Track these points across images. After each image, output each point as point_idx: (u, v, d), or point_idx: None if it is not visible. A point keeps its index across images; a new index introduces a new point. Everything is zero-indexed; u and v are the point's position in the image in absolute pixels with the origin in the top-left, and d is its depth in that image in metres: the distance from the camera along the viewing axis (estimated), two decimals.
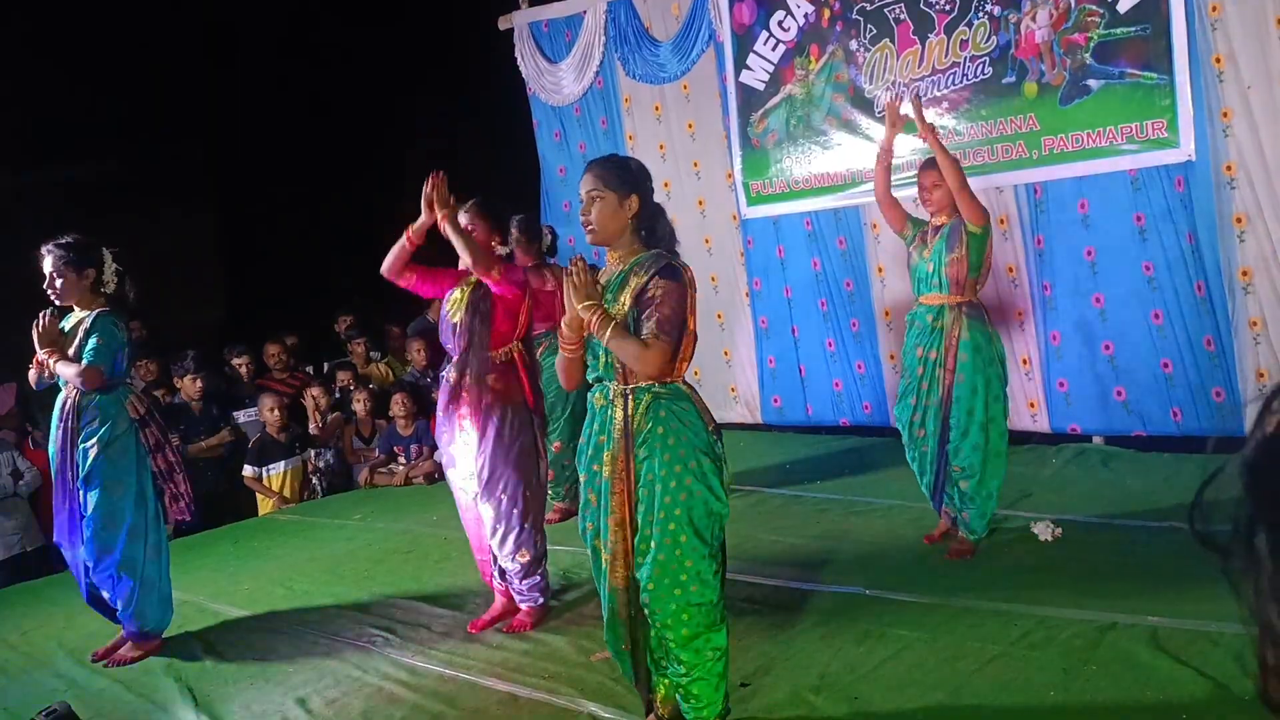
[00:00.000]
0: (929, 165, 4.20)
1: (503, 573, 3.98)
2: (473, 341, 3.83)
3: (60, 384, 4.02)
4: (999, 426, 4.19)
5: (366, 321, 8.29)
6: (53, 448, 4.04)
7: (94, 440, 3.90)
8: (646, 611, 2.76)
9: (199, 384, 6.48)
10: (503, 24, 7.62)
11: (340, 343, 8.07)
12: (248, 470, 6.46)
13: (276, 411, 6.46)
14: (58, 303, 4.03)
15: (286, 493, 6.47)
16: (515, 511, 3.85)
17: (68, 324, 4.03)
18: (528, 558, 3.91)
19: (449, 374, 3.90)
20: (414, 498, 6.30)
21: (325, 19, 9.43)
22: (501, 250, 4.00)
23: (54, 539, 4.18)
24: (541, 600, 3.98)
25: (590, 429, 2.86)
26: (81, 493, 3.94)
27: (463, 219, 3.86)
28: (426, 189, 3.79)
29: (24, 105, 8.01)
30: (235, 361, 7.14)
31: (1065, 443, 5.68)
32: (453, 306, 3.90)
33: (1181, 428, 5.30)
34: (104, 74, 8.49)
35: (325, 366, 7.82)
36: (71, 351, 3.91)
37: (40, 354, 3.94)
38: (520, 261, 4.13)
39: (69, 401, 3.98)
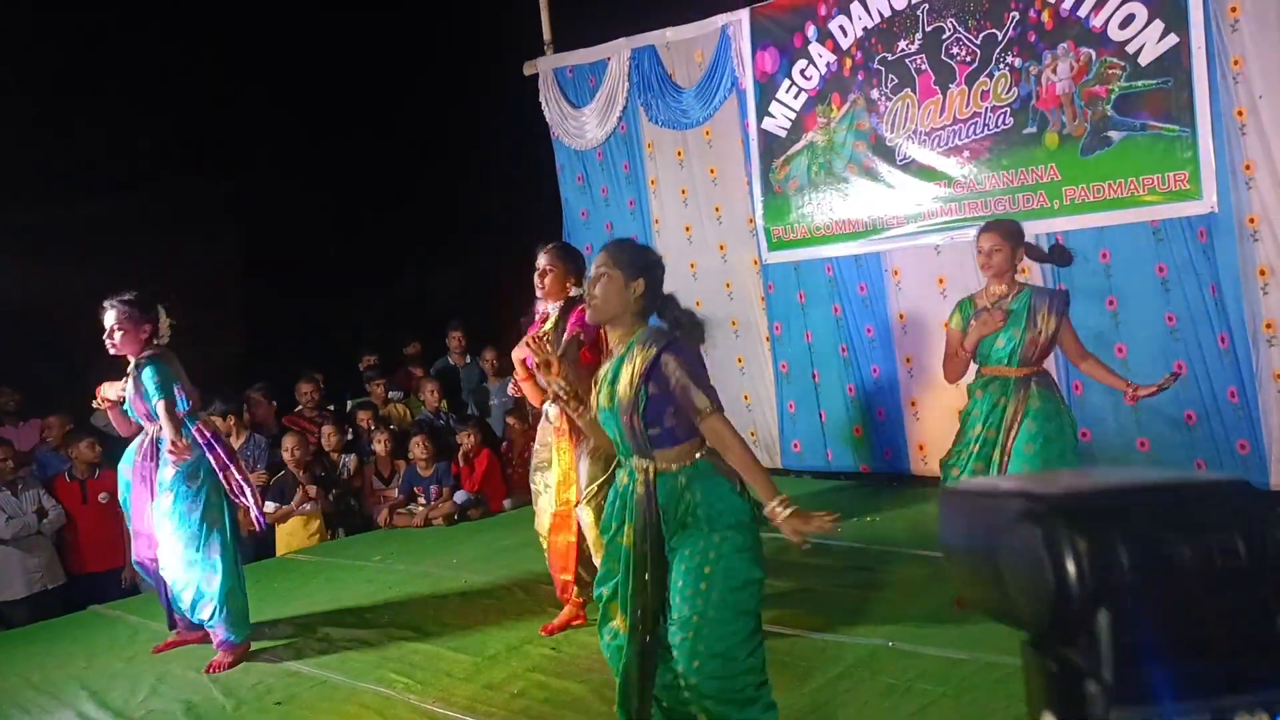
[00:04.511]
0: (989, 228, 4.12)
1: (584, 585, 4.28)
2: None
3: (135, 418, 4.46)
4: None
5: (389, 361, 8.35)
6: (128, 482, 4.48)
7: (172, 465, 4.31)
8: (690, 694, 2.72)
9: (230, 423, 6.53)
10: (528, 69, 7.73)
11: (362, 382, 8.12)
12: (269, 506, 6.49)
13: (297, 452, 6.49)
14: (114, 353, 4.41)
15: (304, 533, 6.49)
16: None
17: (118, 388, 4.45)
18: None
19: (549, 410, 4.26)
20: (433, 539, 6.31)
21: (353, 62, 9.58)
22: (576, 291, 4.21)
23: (134, 559, 4.68)
24: None
25: (614, 501, 2.88)
26: (164, 515, 4.33)
27: (541, 261, 4.24)
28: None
29: (48, 140, 8.15)
30: (257, 398, 7.18)
31: None
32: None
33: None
34: (125, 107, 8.64)
35: (348, 406, 7.86)
36: (136, 402, 4.34)
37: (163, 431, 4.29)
38: (554, 292, 4.25)
39: (147, 437, 4.42)
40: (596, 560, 4.13)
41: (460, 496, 6.70)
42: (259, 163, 9.60)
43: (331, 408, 7.68)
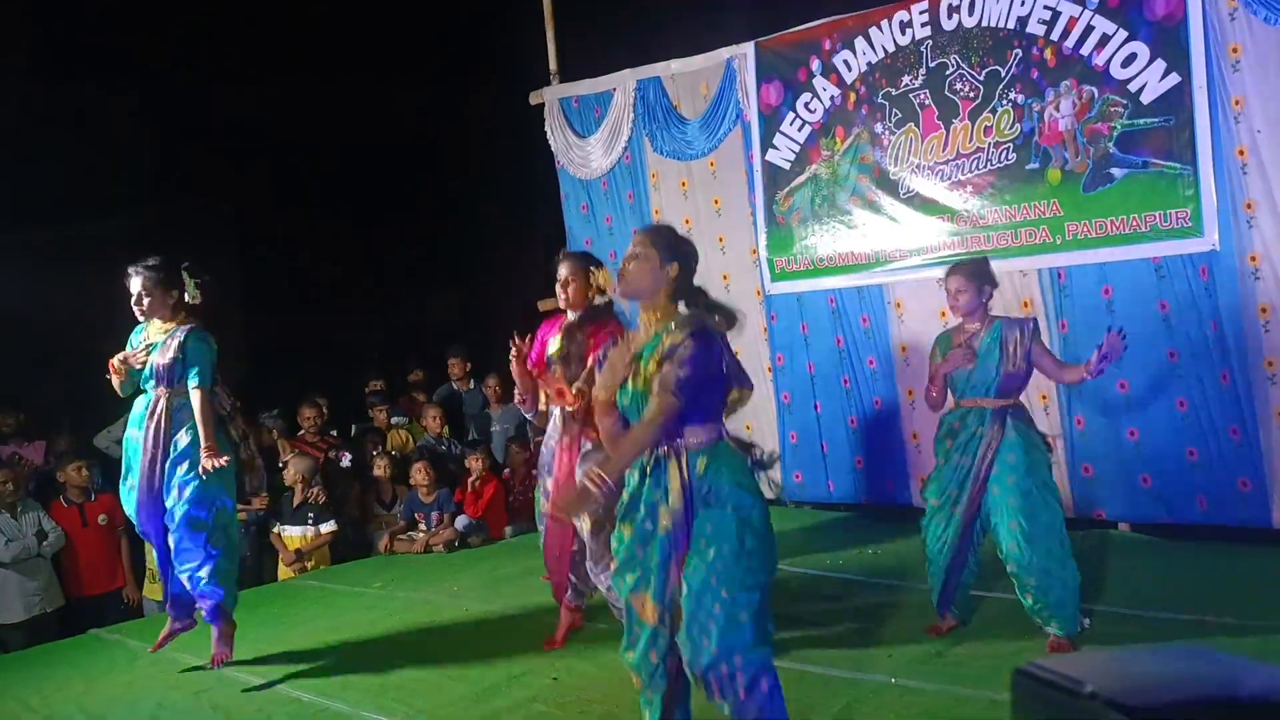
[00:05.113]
0: (954, 271, 4.26)
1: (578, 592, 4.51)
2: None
3: (144, 386, 4.39)
4: (1058, 534, 4.01)
5: (394, 387, 8.36)
6: (137, 446, 4.38)
7: (187, 431, 4.31)
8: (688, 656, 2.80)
9: None
10: (533, 99, 7.79)
11: (365, 406, 8.13)
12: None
13: (294, 475, 6.50)
14: (143, 319, 4.41)
15: (298, 556, 6.49)
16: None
17: (140, 338, 4.43)
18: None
19: (557, 412, 4.34)
20: (434, 566, 6.29)
21: (358, 88, 9.64)
22: (600, 299, 4.35)
23: (140, 530, 4.60)
24: None
25: (638, 487, 2.92)
26: (176, 480, 4.32)
27: (563, 270, 4.35)
28: None
29: (47, 158, 8.19)
30: (268, 424, 7.19)
31: (1090, 528, 5.65)
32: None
33: (1207, 516, 5.28)
34: (125, 126, 8.69)
35: (352, 430, 7.87)
36: (164, 361, 4.30)
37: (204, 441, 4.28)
38: (577, 302, 4.36)
39: (160, 402, 4.34)
40: (592, 561, 4.30)
41: (461, 522, 6.69)
42: (260, 185, 9.65)
43: (334, 432, 7.69)
